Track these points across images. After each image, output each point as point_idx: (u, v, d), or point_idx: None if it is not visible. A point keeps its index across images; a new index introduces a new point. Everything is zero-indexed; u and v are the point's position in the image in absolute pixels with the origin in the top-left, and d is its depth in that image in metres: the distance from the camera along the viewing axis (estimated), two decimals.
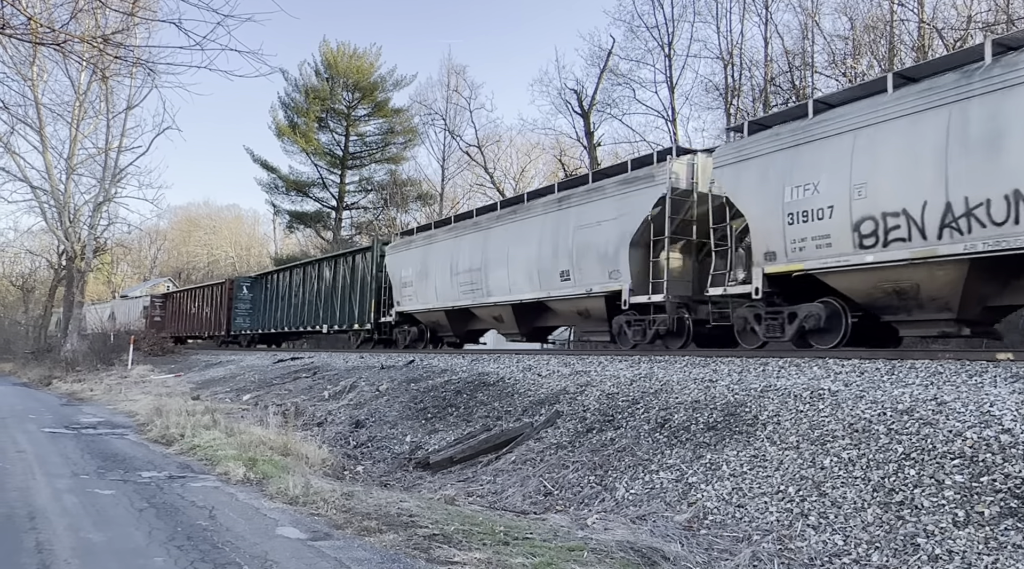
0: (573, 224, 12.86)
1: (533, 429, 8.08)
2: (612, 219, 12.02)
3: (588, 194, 12.80)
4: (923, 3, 20.65)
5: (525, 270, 14.01)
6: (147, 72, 8.06)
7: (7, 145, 28.34)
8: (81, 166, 30.60)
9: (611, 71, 29.85)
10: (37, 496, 6.34)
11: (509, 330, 15.50)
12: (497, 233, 15.19)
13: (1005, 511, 4.18)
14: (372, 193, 43.41)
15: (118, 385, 19.37)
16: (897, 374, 6.69)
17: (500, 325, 15.74)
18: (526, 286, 14.05)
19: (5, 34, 6.72)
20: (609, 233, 12.03)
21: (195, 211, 68.12)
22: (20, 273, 47.46)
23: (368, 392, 12.11)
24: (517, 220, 14.59)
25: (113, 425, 12.00)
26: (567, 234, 12.98)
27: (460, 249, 16.28)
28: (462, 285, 15.99)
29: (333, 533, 5.30)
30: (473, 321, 16.82)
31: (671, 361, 9.52)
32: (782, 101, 23.44)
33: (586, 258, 12.55)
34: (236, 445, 8.63)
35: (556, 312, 14.02)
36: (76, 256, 30.12)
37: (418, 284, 17.92)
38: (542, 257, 13.57)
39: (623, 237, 11.75)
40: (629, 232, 11.62)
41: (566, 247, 13.01)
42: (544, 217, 13.81)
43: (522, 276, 14.12)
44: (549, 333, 16.34)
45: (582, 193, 13.01)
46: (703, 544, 4.88)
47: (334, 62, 41.96)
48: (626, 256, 11.70)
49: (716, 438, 6.33)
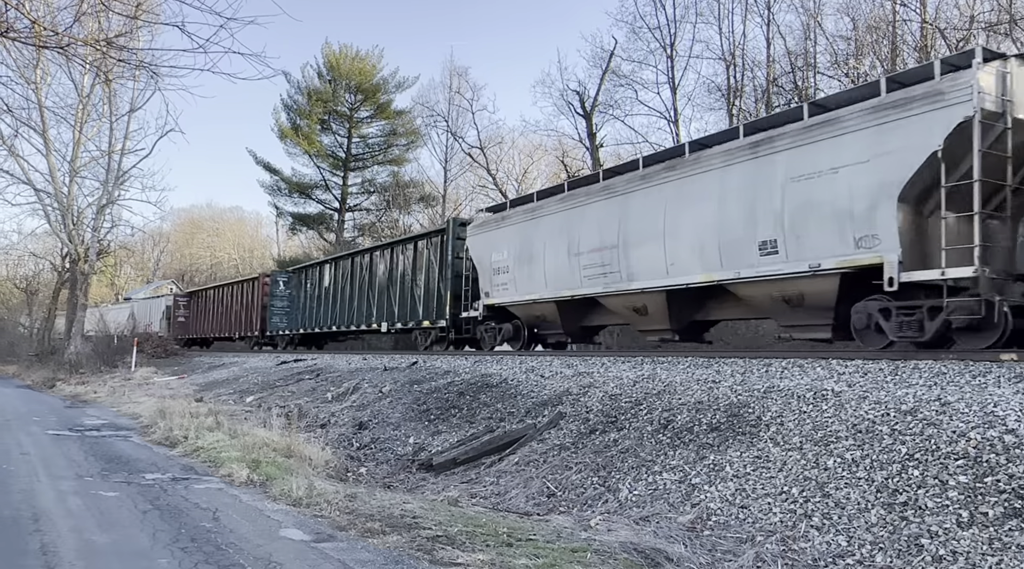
0: (782, 176, 9.43)
1: (536, 430, 8.08)
2: (859, 163, 8.64)
3: (808, 133, 9.23)
4: (925, 3, 20.65)
5: (693, 243, 10.58)
6: (150, 75, 8.10)
7: (11, 148, 28.40)
8: (84, 169, 30.66)
9: (613, 72, 29.86)
10: (41, 498, 6.35)
11: (652, 326, 11.90)
12: (643, 198, 11.60)
13: (1009, 512, 4.17)
14: (374, 195, 43.48)
15: (122, 387, 19.42)
16: (900, 375, 6.68)
17: (640, 320, 12.12)
18: (694, 265, 10.58)
19: (9, 38, 6.75)
20: (854, 183, 8.61)
21: (198, 213, 68.26)
22: (24, 276, 47.52)
23: (371, 394, 12.12)
24: (676, 178, 11.01)
25: (117, 427, 12.02)
26: (771, 190, 9.53)
27: (582, 223, 12.75)
28: (586, 268, 12.54)
29: (337, 535, 5.31)
30: (596, 315, 13.47)
31: (674, 362, 9.52)
32: (784, 102, 23.42)
33: (809, 221, 9.13)
34: (239, 447, 8.64)
35: (741, 300, 10.40)
36: (79, 259, 30.17)
37: (516, 270, 14.41)
38: (725, 224, 10.08)
39: (883, 188, 8.31)
40: (896, 180, 8.17)
41: (770, 208, 9.55)
42: (726, 171, 10.19)
43: (688, 252, 10.67)
44: (707, 329, 12.58)
45: (796, 132, 9.37)
46: (707, 545, 4.88)
47: (336, 64, 42.04)
48: (891, 214, 8.23)
49: (719, 439, 6.33)
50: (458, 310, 16.66)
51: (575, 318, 13.74)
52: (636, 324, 12.38)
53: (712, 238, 10.29)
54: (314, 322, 24.95)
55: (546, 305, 13.78)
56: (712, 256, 10.28)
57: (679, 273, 10.85)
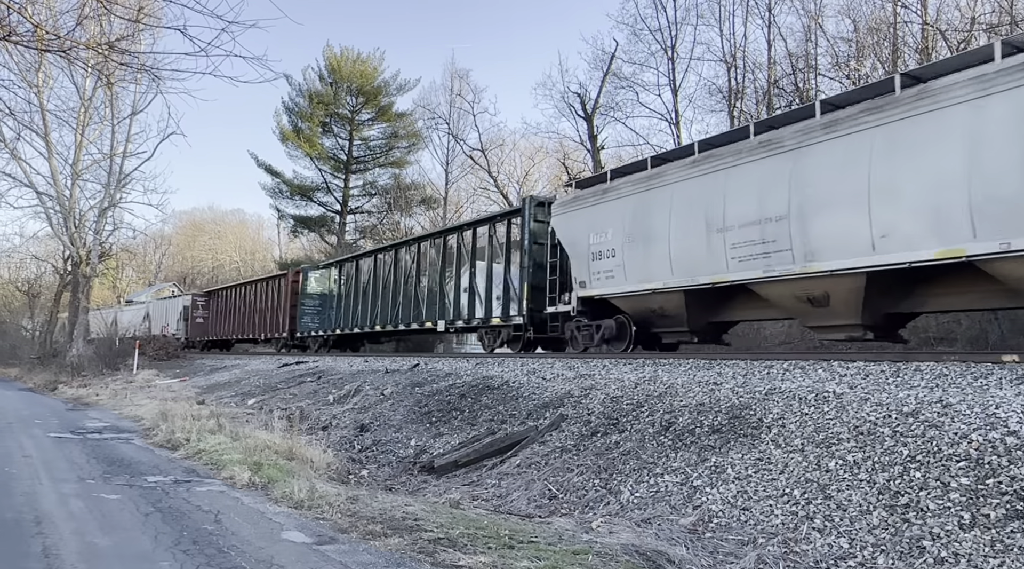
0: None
1: (538, 432, 8.08)
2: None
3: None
4: (926, 5, 20.65)
5: (922, 206, 7.99)
6: (152, 78, 8.11)
7: (13, 151, 28.50)
8: (86, 172, 30.76)
9: (614, 74, 29.88)
10: (43, 501, 6.36)
11: (833, 320, 9.26)
12: (829, 151, 8.93)
13: (1011, 513, 4.17)
14: (376, 197, 43.62)
15: (123, 390, 19.43)
16: (902, 376, 6.68)
17: (812, 313, 9.48)
18: (922, 236, 7.94)
19: (11, 41, 6.77)
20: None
21: (200, 216, 68.38)
22: (26, 278, 47.61)
23: (373, 396, 12.12)
24: (888, 121, 8.36)
25: (119, 430, 12.03)
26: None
27: (729, 190, 10.12)
28: (735, 248, 9.96)
29: (338, 537, 5.31)
30: (740, 307, 10.82)
31: (675, 364, 9.52)
32: (785, 103, 23.43)
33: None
34: (241, 449, 8.65)
35: (1002, 283, 7.73)
36: (81, 261, 30.23)
37: (626, 254, 11.86)
38: (984, 177, 7.43)
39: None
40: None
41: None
42: (980, 104, 7.52)
43: (911, 219, 8.08)
44: (904, 324, 9.91)
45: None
46: (708, 547, 4.88)
47: (338, 67, 42.15)
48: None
49: (721, 441, 6.33)
50: (538, 305, 14.37)
51: (707, 312, 11.14)
52: (806, 318, 9.82)
53: (959, 197, 7.61)
54: (353, 322, 22.67)
55: (669, 296, 11.18)
56: (957, 222, 7.63)
57: (894, 248, 8.23)
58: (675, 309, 11.26)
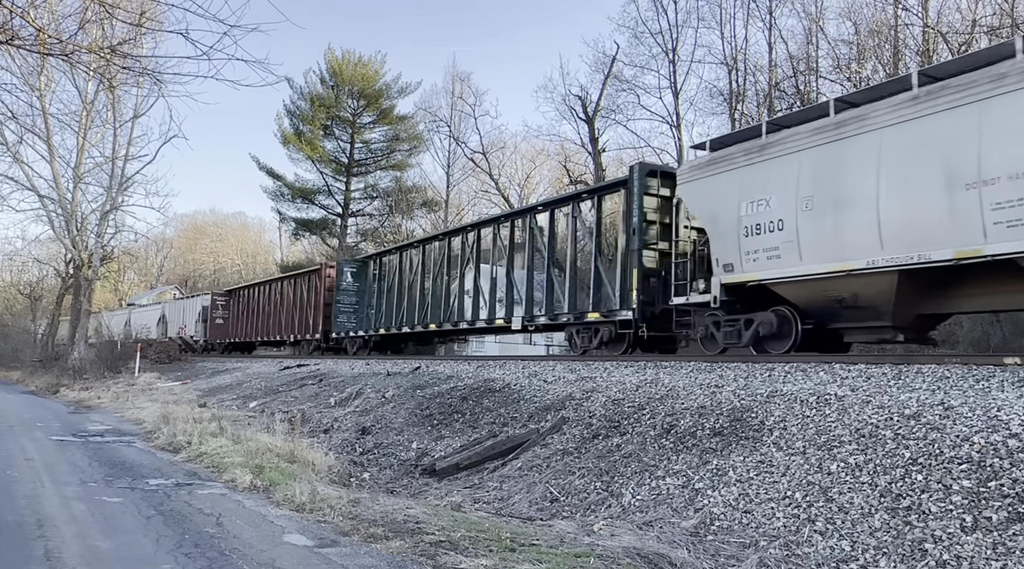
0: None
1: (539, 435, 8.08)
2: None
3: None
4: (927, 7, 20.68)
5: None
6: (154, 81, 8.12)
7: (15, 154, 28.57)
8: (88, 175, 30.82)
9: (615, 77, 29.93)
10: (45, 504, 6.37)
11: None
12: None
13: (1013, 516, 4.16)
14: (377, 200, 43.66)
15: (125, 393, 19.45)
16: (904, 379, 6.67)
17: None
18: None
19: (14, 45, 6.79)
20: None
21: (201, 219, 68.52)
22: (28, 281, 47.69)
23: (374, 399, 12.12)
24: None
25: (120, 433, 12.04)
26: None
27: (986, 128, 7.39)
28: (998, 209, 7.27)
29: (340, 540, 5.31)
30: (976, 293, 8.23)
31: (676, 367, 9.52)
32: (786, 106, 23.43)
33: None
34: (243, 452, 8.66)
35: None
36: (83, 264, 30.27)
37: (802, 224, 9.23)
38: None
39: None
40: None
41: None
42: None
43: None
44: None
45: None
46: (710, 550, 4.88)
47: (339, 70, 42.22)
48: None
49: (722, 444, 6.32)
50: (648, 296, 12.16)
51: (922, 300, 8.64)
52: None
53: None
54: (399, 320, 20.20)
55: (872, 278, 8.59)
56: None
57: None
58: (877, 297, 8.68)
